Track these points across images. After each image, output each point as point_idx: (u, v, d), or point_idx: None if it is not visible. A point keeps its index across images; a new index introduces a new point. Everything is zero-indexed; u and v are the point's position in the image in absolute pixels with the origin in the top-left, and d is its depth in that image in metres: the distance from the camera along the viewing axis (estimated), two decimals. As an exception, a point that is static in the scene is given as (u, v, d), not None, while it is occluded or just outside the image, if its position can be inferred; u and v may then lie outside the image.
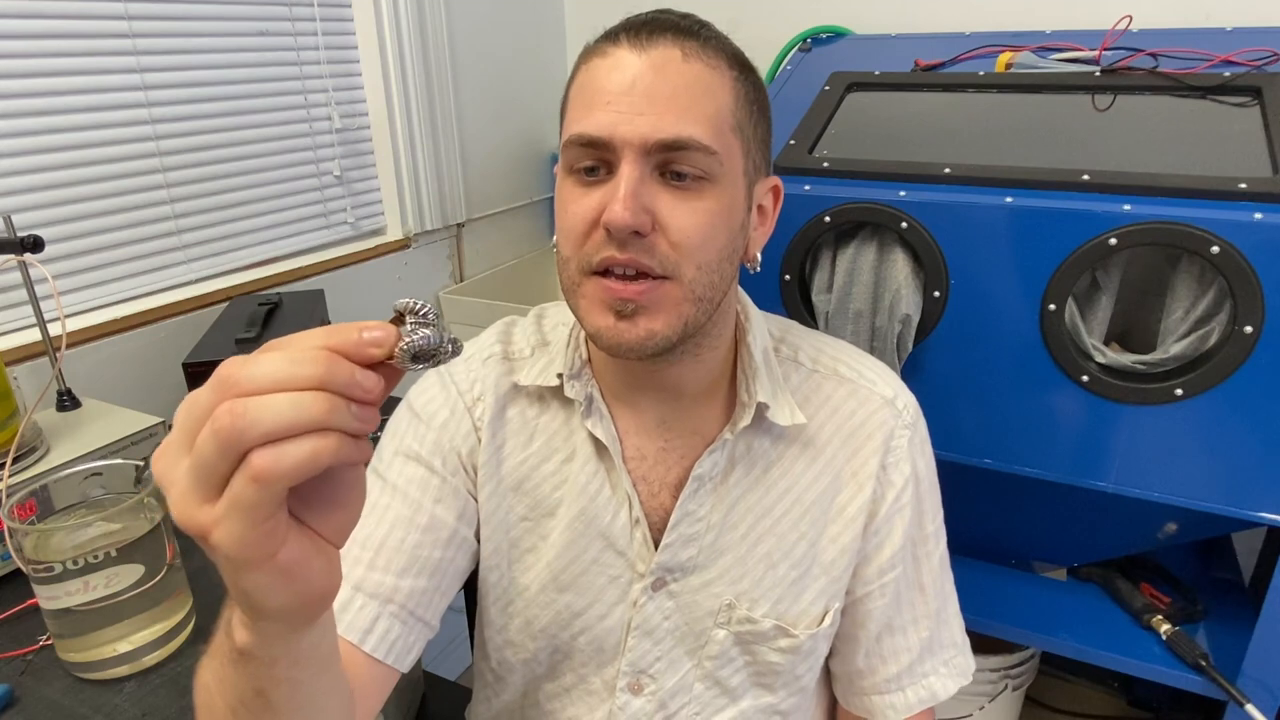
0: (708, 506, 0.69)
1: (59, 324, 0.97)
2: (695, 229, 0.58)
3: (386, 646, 0.65)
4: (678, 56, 0.58)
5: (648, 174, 0.58)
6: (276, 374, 0.33)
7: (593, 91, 0.58)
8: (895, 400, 0.72)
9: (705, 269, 0.60)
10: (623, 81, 0.57)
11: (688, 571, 0.69)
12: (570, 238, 0.60)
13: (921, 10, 1.59)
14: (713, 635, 0.70)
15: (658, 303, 0.59)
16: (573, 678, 0.73)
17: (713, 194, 0.59)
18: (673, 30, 0.59)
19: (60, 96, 1.11)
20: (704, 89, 0.58)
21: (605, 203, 0.57)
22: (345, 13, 1.50)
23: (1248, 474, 0.97)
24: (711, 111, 0.58)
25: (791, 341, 0.74)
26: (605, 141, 0.57)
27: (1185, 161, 1.01)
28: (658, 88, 0.57)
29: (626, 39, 0.58)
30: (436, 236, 1.74)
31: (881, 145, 1.19)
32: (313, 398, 0.32)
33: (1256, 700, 1.04)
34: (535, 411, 0.71)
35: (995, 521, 1.25)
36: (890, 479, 0.71)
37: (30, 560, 0.70)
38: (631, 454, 0.70)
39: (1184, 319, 0.97)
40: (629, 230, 0.56)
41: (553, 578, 0.70)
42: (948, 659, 0.75)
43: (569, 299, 0.63)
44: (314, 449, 0.33)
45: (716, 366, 0.69)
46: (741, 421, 0.67)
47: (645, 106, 0.56)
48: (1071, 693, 1.72)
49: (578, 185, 0.60)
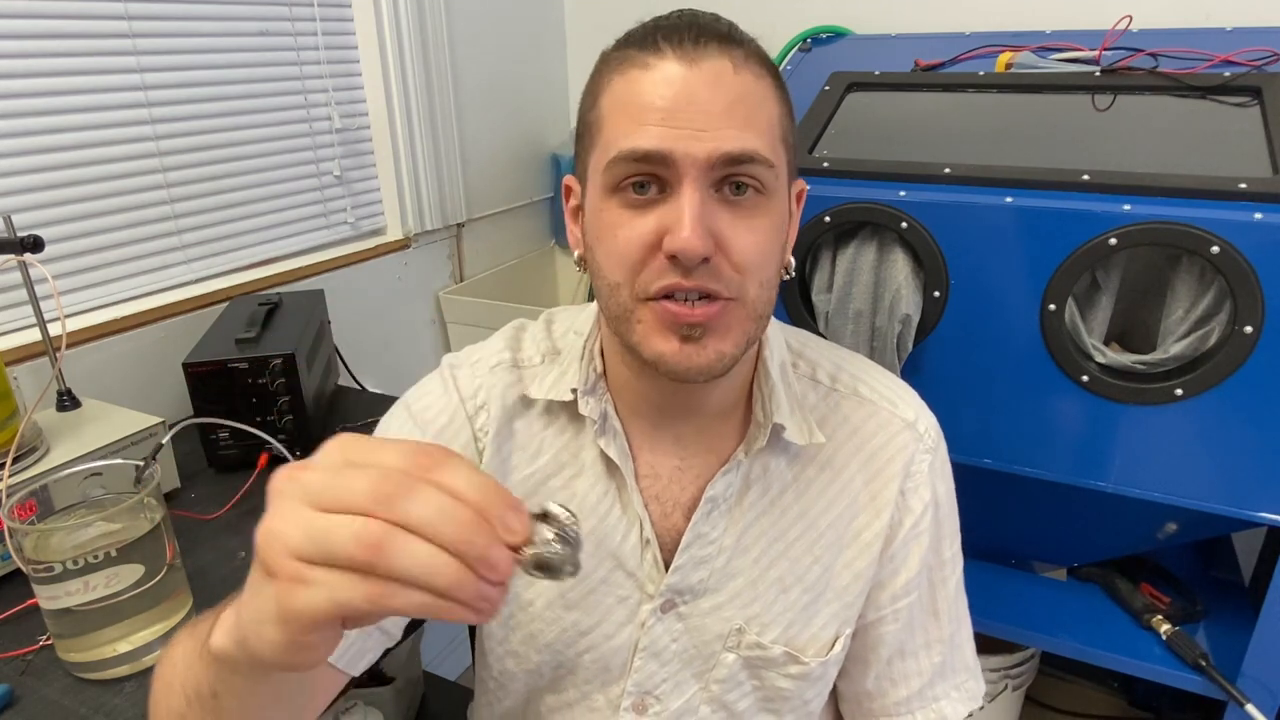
0: (720, 529, 0.67)
1: (59, 324, 0.97)
2: (756, 248, 0.57)
3: (339, 652, 0.63)
4: (729, 68, 0.55)
5: (708, 193, 0.55)
6: (427, 518, 0.33)
7: (639, 107, 0.55)
8: (916, 423, 0.70)
9: (766, 286, 0.58)
10: (676, 96, 0.54)
11: (698, 594, 0.68)
12: (623, 264, 0.57)
13: (921, 10, 1.59)
14: (721, 659, 0.69)
15: (726, 325, 0.57)
16: (576, 693, 0.72)
17: (767, 208, 0.58)
18: (718, 39, 0.56)
19: (60, 96, 1.11)
20: (757, 101, 0.56)
21: (664, 226, 0.55)
22: (345, 13, 1.50)
23: (1248, 474, 0.97)
24: (765, 124, 0.57)
25: (810, 357, 0.72)
26: (664, 156, 0.54)
27: (1185, 161, 1.01)
28: (715, 102, 0.54)
29: (671, 49, 0.55)
30: (436, 236, 1.74)
31: (881, 145, 1.19)
32: (447, 564, 0.33)
33: (1256, 700, 1.04)
34: (543, 424, 0.69)
35: (995, 521, 1.25)
36: (909, 505, 0.69)
37: (30, 560, 0.70)
38: (645, 472, 0.68)
39: (1184, 319, 0.97)
40: (699, 258, 0.54)
41: (559, 595, 0.69)
42: (959, 683, 0.74)
43: (619, 325, 0.60)
44: (423, 605, 0.33)
45: (740, 383, 0.67)
46: (757, 443, 0.65)
47: (704, 122, 0.54)
48: (1071, 693, 1.72)
49: (625, 207, 0.57)
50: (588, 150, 0.60)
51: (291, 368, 1.06)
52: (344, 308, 1.48)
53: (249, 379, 1.05)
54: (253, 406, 1.06)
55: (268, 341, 1.10)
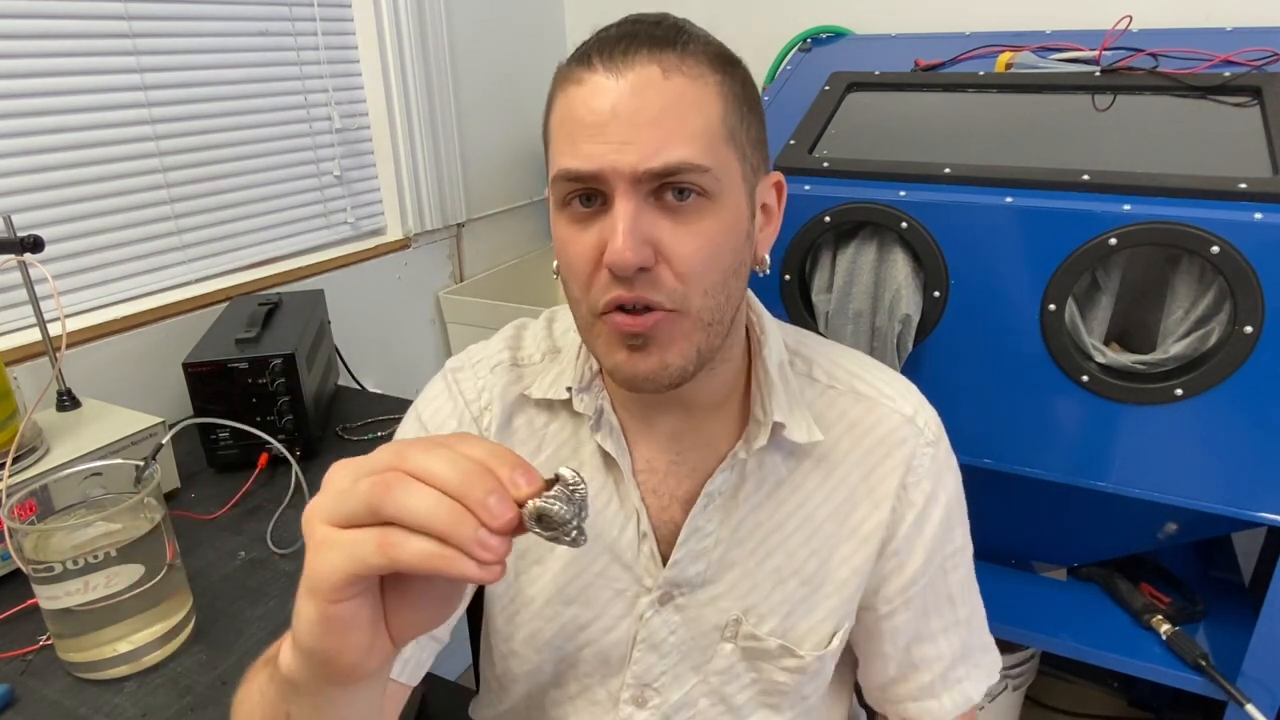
0: (716, 521, 0.68)
1: (59, 324, 0.97)
2: (698, 255, 0.56)
3: (401, 665, 0.66)
4: (657, 75, 0.54)
5: (644, 203, 0.55)
6: (433, 467, 0.37)
7: (573, 124, 0.56)
8: (916, 418, 0.70)
9: (712, 293, 0.58)
10: (603, 110, 0.54)
11: (695, 586, 0.68)
12: (577, 280, 0.58)
13: (921, 10, 1.59)
14: (719, 650, 0.69)
15: (668, 335, 0.57)
16: (577, 687, 0.73)
17: (713, 212, 0.57)
18: (648, 44, 0.55)
19: (60, 96, 1.11)
20: (689, 105, 0.55)
21: (604, 240, 0.55)
22: (345, 13, 1.50)
23: (1248, 474, 0.97)
24: (700, 127, 0.55)
25: (806, 355, 0.72)
26: (595, 175, 0.55)
27: (1185, 161, 1.01)
28: (641, 113, 0.54)
29: (601, 62, 0.55)
30: (436, 236, 1.74)
31: (881, 145, 1.19)
32: (447, 505, 0.36)
33: (1256, 700, 1.04)
34: (544, 420, 0.70)
35: (995, 521, 1.24)
36: (911, 499, 0.69)
37: (30, 560, 0.70)
38: (641, 467, 0.69)
39: (1184, 319, 0.97)
40: (633, 269, 0.54)
41: (558, 590, 0.70)
42: (978, 661, 0.75)
43: (585, 338, 0.62)
44: (424, 553, 0.36)
45: (730, 378, 0.67)
46: (757, 441, 0.65)
47: (631, 134, 0.54)
48: (1071, 693, 1.72)
49: (573, 222, 0.58)
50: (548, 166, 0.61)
51: (291, 368, 1.06)
52: (344, 308, 1.48)
53: (249, 379, 1.05)
54: (253, 406, 1.06)
55: (268, 341, 1.10)
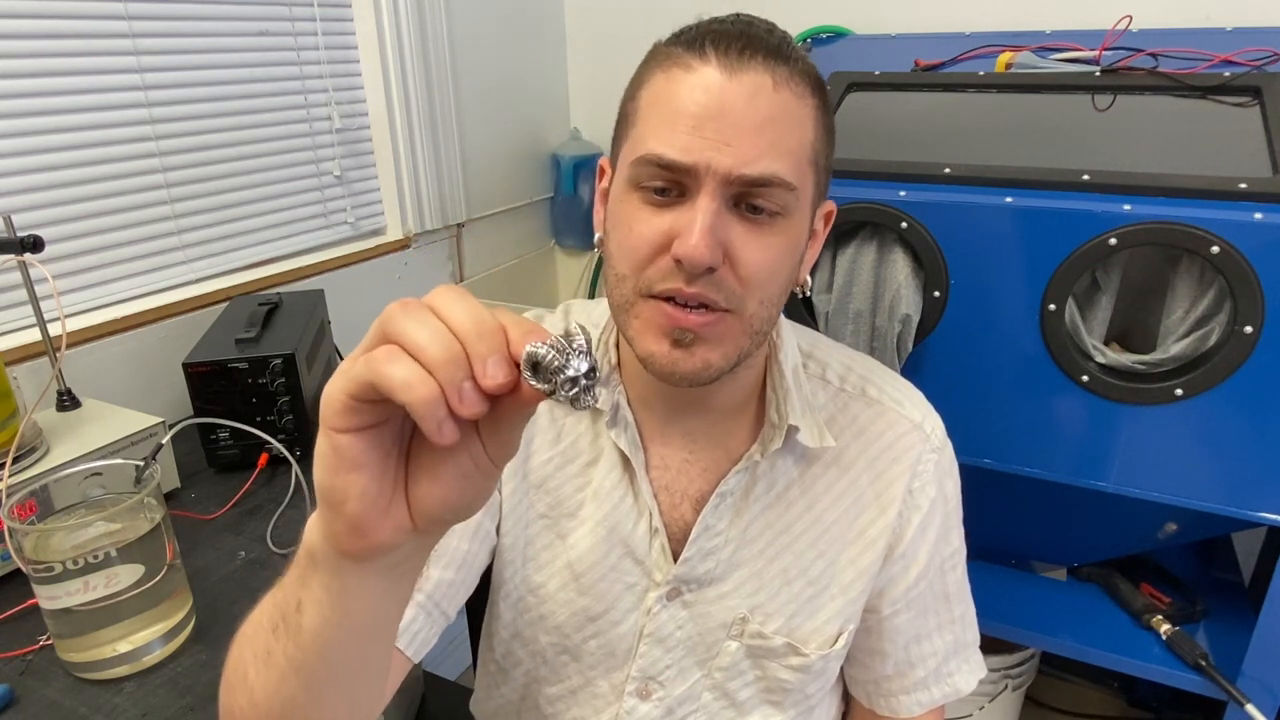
0: (726, 521, 0.69)
1: (59, 324, 0.97)
2: (765, 265, 0.57)
3: (409, 637, 0.66)
4: (769, 85, 0.54)
5: (724, 206, 0.55)
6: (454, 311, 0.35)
7: (673, 111, 0.55)
8: (923, 424, 0.71)
9: (767, 303, 0.59)
10: (710, 105, 0.54)
11: (704, 584, 0.69)
12: (632, 258, 0.58)
13: (921, 10, 1.59)
14: (724, 647, 0.70)
15: (718, 335, 0.57)
16: (579, 679, 0.73)
17: (784, 228, 0.57)
18: (764, 52, 0.55)
19: (60, 96, 1.11)
20: (792, 122, 0.56)
21: (676, 229, 0.55)
22: (345, 13, 1.50)
23: (1248, 474, 0.97)
24: (795, 146, 0.56)
25: (819, 357, 0.73)
26: (687, 168, 0.54)
27: (1185, 161, 1.01)
28: (747, 118, 0.54)
29: (716, 56, 0.55)
30: (436, 236, 1.74)
31: (881, 145, 1.19)
32: (446, 343, 0.34)
33: (1256, 700, 1.04)
34: (563, 411, 0.71)
35: (995, 521, 1.24)
36: (916, 503, 0.70)
37: (30, 560, 0.70)
38: (655, 463, 0.69)
39: (1184, 319, 0.97)
40: (704, 268, 0.54)
41: (574, 578, 0.70)
42: (968, 656, 0.77)
43: (619, 316, 0.61)
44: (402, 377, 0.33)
45: (750, 382, 0.68)
46: (773, 444, 0.66)
47: (732, 136, 0.54)
48: (1071, 693, 1.72)
49: (645, 204, 0.57)
50: (621, 139, 0.61)
51: (291, 368, 1.06)
52: (344, 308, 1.48)
53: (249, 379, 1.05)
54: (253, 406, 1.06)
55: (268, 341, 1.10)
